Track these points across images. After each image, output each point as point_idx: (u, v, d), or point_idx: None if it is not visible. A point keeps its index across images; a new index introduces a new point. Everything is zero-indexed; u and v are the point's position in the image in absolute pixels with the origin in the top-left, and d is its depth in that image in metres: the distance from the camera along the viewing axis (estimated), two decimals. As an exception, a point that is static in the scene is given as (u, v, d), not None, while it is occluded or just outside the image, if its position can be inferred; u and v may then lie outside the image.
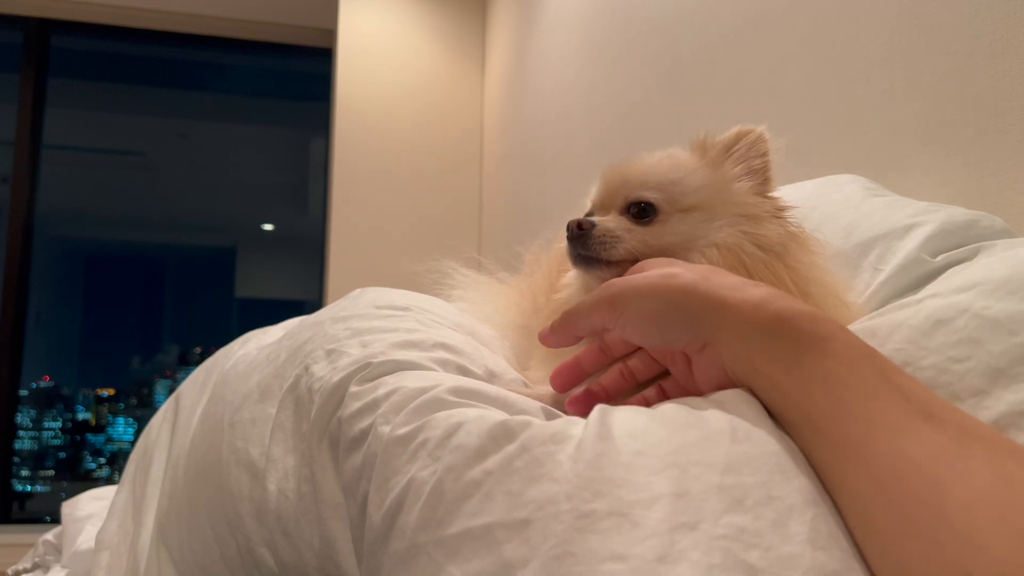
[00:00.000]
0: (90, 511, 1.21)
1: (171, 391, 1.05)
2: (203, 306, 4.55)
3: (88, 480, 4.03)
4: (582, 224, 0.56)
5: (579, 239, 0.56)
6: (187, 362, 4.16)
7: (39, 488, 3.88)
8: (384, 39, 3.22)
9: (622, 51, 1.88)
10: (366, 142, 3.16)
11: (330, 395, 0.55)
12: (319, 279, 3.44)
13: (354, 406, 0.52)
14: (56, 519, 1.31)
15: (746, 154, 0.59)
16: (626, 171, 0.60)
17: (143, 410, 4.13)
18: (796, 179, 0.91)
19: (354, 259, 3.08)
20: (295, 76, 4.35)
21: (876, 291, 0.64)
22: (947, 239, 0.63)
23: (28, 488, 3.82)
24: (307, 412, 0.57)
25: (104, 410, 4.13)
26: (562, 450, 0.39)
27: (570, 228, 0.56)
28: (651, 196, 0.57)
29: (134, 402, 4.17)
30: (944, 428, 0.36)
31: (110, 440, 4.12)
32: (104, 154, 4.30)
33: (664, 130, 1.64)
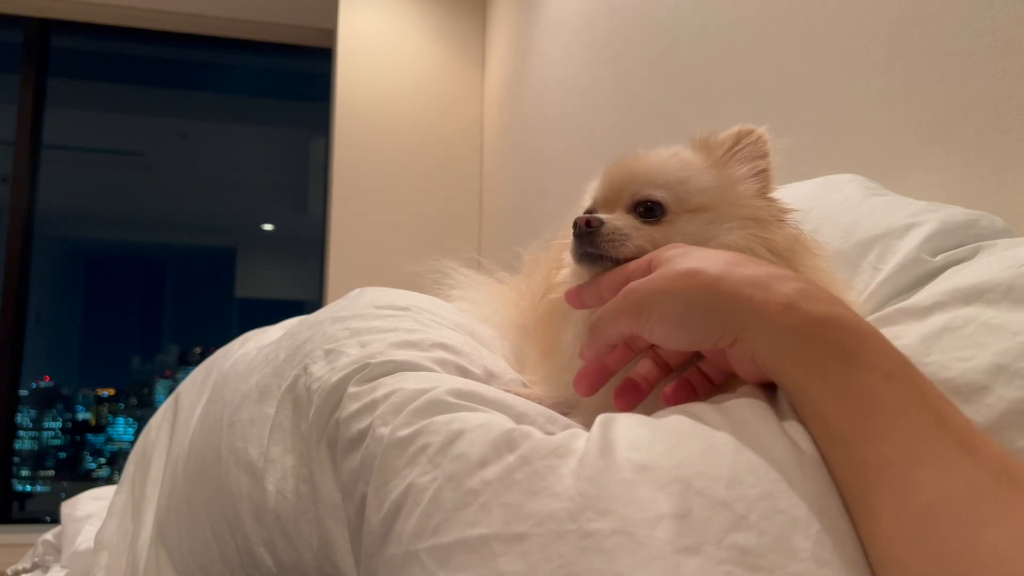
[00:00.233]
0: (89, 511, 1.21)
1: (171, 391, 1.05)
2: (203, 306, 4.55)
3: (88, 480, 4.03)
4: (591, 222, 0.54)
5: (587, 236, 0.54)
6: (187, 362, 4.16)
7: (39, 488, 3.88)
8: (384, 39, 3.22)
9: (622, 51, 1.88)
10: (366, 142, 3.16)
11: (328, 395, 0.55)
12: (319, 279, 3.43)
13: (352, 407, 0.52)
14: (56, 519, 1.30)
15: (749, 155, 0.58)
16: (633, 168, 0.58)
17: (143, 410, 4.12)
18: (796, 179, 0.91)
19: (354, 259, 3.08)
20: (295, 76, 4.35)
21: (876, 291, 0.64)
22: (947, 238, 0.63)
23: (28, 488, 3.82)
24: (305, 412, 0.57)
25: (104, 410, 4.13)
26: (564, 464, 0.39)
27: (578, 225, 0.54)
28: (659, 195, 0.55)
29: (134, 402, 4.17)
30: (983, 464, 0.35)
31: (110, 440, 4.12)
32: (104, 154, 4.30)
33: (664, 130, 1.64)
